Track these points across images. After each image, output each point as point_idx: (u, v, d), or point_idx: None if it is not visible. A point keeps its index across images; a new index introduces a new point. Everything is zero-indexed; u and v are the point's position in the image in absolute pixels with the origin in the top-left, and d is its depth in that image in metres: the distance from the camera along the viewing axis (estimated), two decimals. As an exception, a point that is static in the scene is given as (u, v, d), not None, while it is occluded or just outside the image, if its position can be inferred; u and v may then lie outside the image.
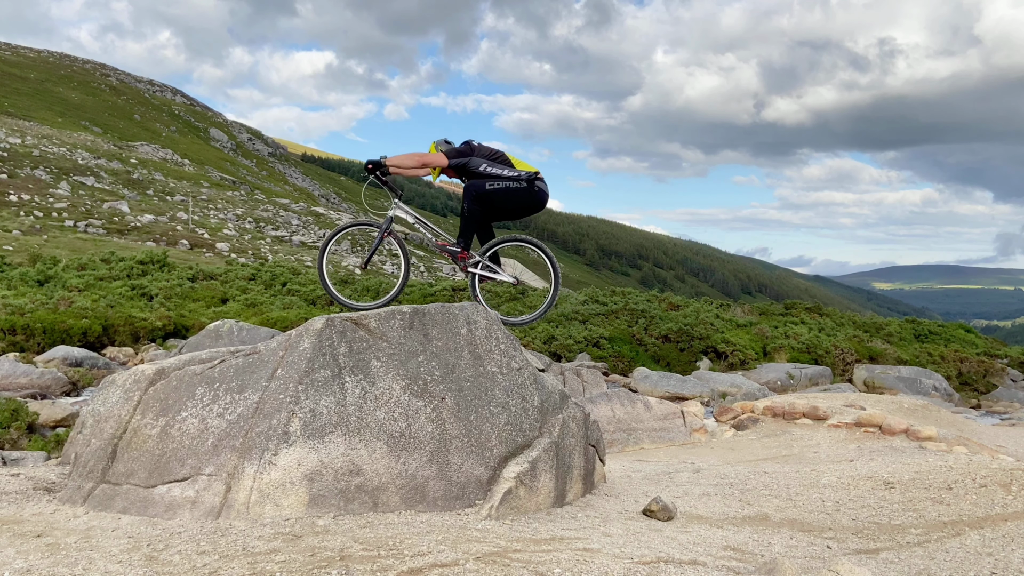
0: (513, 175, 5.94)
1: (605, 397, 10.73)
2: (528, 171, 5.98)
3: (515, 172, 5.97)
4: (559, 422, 5.39)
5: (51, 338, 14.62)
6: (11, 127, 55.42)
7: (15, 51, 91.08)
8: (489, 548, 3.87)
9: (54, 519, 4.49)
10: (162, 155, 65.20)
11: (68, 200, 39.44)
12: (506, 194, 5.96)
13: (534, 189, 5.95)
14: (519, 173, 5.96)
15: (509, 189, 5.94)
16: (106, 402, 5.06)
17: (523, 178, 5.93)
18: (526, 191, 5.95)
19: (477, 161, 5.97)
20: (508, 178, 5.95)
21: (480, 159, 5.98)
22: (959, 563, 4.65)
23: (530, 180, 5.92)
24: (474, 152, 6.00)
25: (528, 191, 5.95)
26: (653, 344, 19.22)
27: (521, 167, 6.01)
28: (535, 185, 5.95)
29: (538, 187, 5.97)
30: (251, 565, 3.55)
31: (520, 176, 5.94)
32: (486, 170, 5.94)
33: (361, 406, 4.74)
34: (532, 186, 5.94)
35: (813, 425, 10.39)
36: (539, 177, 5.98)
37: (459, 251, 6.13)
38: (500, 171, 5.95)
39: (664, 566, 3.83)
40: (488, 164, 5.97)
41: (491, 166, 5.96)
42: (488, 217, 6.11)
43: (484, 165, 5.96)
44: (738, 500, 6.06)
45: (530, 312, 6.46)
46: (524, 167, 6.01)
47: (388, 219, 6.15)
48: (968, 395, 19.49)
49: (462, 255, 6.14)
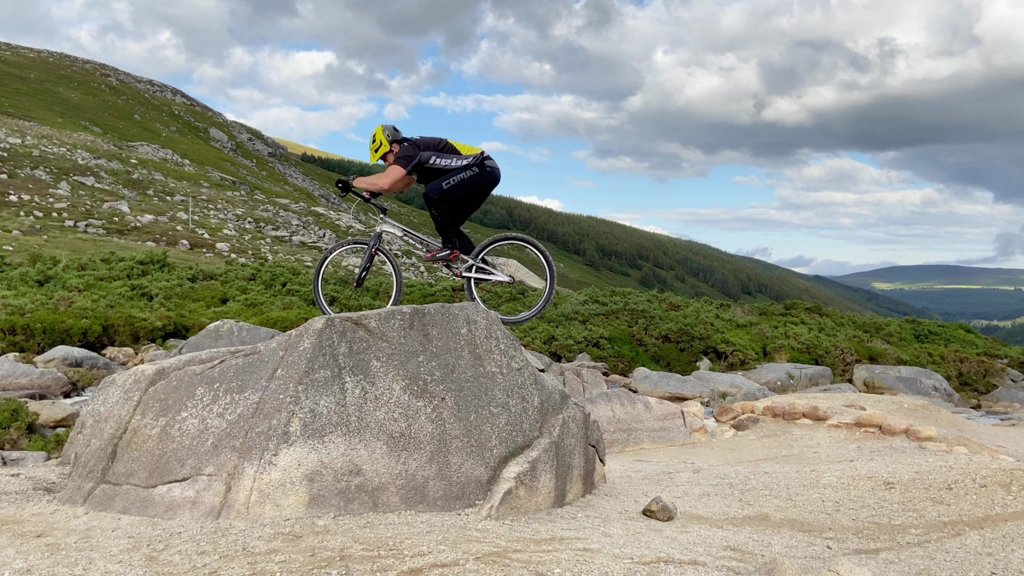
0: (463, 163, 6.04)
1: (605, 397, 10.73)
2: (474, 154, 6.08)
3: (464, 159, 6.06)
4: (559, 422, 5.39)
5: (51, 338, 14.62)
6: (11, 127, 55.42)
7: (15, 51, 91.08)
8: (489, 548, 3.87)
9: (54, 519, 4.49)
10: (162, 155, 65.19)
11: (68, 200, 39.44)
12: (464, 185, 6.05)
13: (486, 170, 6.07)
14: (467, 159, 6.06)
15: (464, 180, 6.04)
16: (106, 402, 5.06)
17: (473, 164, 6.03)
18: (479, 175, 6.06)
19: (426, 155, 6.05)
20: (460, 168, 6.03)
21: (428, 152, 6.06)
22: (959, 563, 4.65)
23: (479, 163, 6.05)
24: (420, 147, 6.07)
25: (481, 174, 6.06)
26: (653, 344, 19.22)
27: (467, 152, 6.10)
28: (485, 166, 6.07)
29: (488, 167, 6.09)
30: (251, 565, 3.56)
31: (470, 163, 6.04)
32: (437, 163, 6.02)
33: (361, 406, 4.74)
34: (483, 168, 6.06)
35: (813, 425, 10.39)
36: (486, 157, 6.10)
37: (449, 253, 6.18)
38: (450, 162, 6.04)
39: (664, 566, 3.83)
40: (437, 156, 6.05)
41: (440, 157, 6.05)
42: (456, 214, 6.16)
43: (433, 157, 6.04)
44: (738, 500, 6.06)
45: (528, 311, 6.47)
46: (470, 151, 6.11)
47: (375, 235, 6.24)
48: (968, 395, 19.50)
49: (453, 255, 6.19)
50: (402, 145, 6.13)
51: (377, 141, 6.20)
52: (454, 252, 6.20)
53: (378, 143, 6.19)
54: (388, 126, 6.18)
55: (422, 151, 6.07)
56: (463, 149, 6.13)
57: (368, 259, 6.21)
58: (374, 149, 6.23)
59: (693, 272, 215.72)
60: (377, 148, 6.19)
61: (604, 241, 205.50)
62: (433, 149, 6.09)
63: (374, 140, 6.23)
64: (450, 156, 6.09)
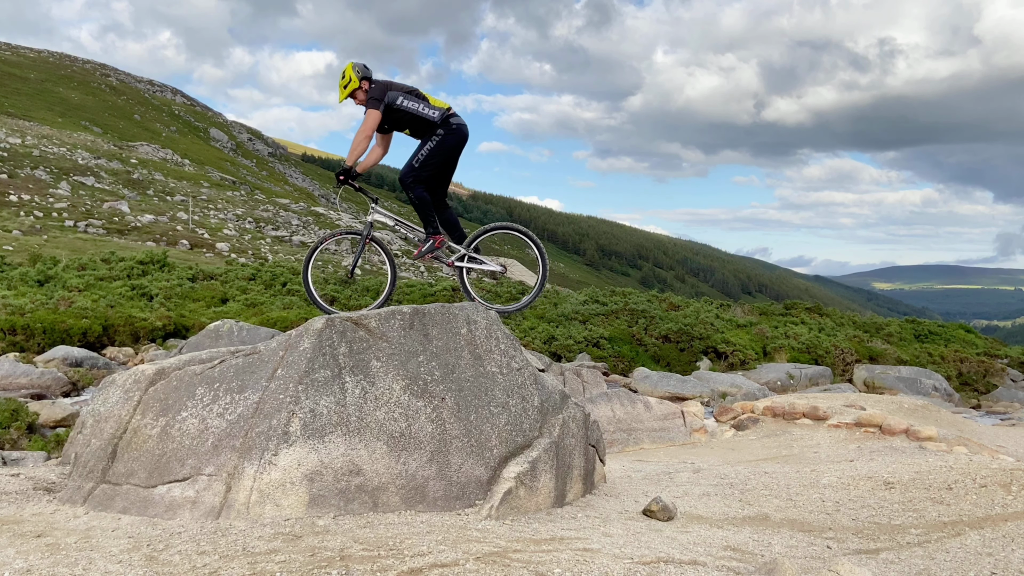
0: (429, 112, 5.89)
1: (605, 397, 10.73)
2: (442, 108, 5.94)
3: (431, 108, 5.91)
4: (559, 422, 5.39)
5: (51, 338, 14.62)
6: (11, 127, 55.43)
7: (15, 51, 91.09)
8: (489, 548, 3.87)
9: (54, 519, 4.49)
10: (162, 155, 65.20)
11: (68, 200, 39.44)
12: (434, 154, 5.92)
13: (451, 127, 5.93)
14: (434, 110, 5.91)
15: (432, 148, 5.91)
16: (106, 402, 5.06)
17: (438, 121, 5.89)
18: (447, 136, 5.92)
19: (394, 95, 5.89)
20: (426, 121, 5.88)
21: (396, 92, 5.91)
22: (959, 563, 4.65)
23: (444, 120, 5.91)
24: (389, 87, 5.92)
25: (448, 134, 5.92)
26: (653, 344, 19.22)
27: (436, 103, 5.96)
28: (451, 123, 5.93)
29: (455, 124, 5.95)
30: (251, 565, 3.55)
31: (435, 117, 5.89)
32: (404, 104, 5.87)
33: (361, 406, 4.74)
34: (449, 126, 5.92)
35: (813, 425, 10.39)
36: (452, 114, 5.96)
37: (433, 242, 6.04)
38: (417, 106, 5.89)
39: (664, 566, 3.83)
40: (405, 97, 5.91)
41: (408, 99, 5.90)
42: (434, 187, 6.06)
43: (401, 98, 5.89)
44: (738, 500, 6.06)
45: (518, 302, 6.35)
46: (438, 103, 5.97)
47: (368, 225, 6.09)
48: (968, 395, 19.49)
49: (438, 242, 6.05)
50: (371, 85, 5.92)
51: (346, 77, 5.92)
52: (438, 239, 6.05)
53: (347, 79, 5.91)
54: (359, 63, 5.97)
55: (390, 90, 5.89)
56: (432, 100, 5.97)
57: (360, 248, 6.07)
58: (343, 85, 5.94)
59: (693, 272, 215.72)
60: (347, 84, 5.91)
61: (604, 241, 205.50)
62: (402, 92, 5.93)
63: (343, 76, 5.96)
64: (418, 100, 5.92)
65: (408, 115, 5.92)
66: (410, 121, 5.96)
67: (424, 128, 5.98)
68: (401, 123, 5.99)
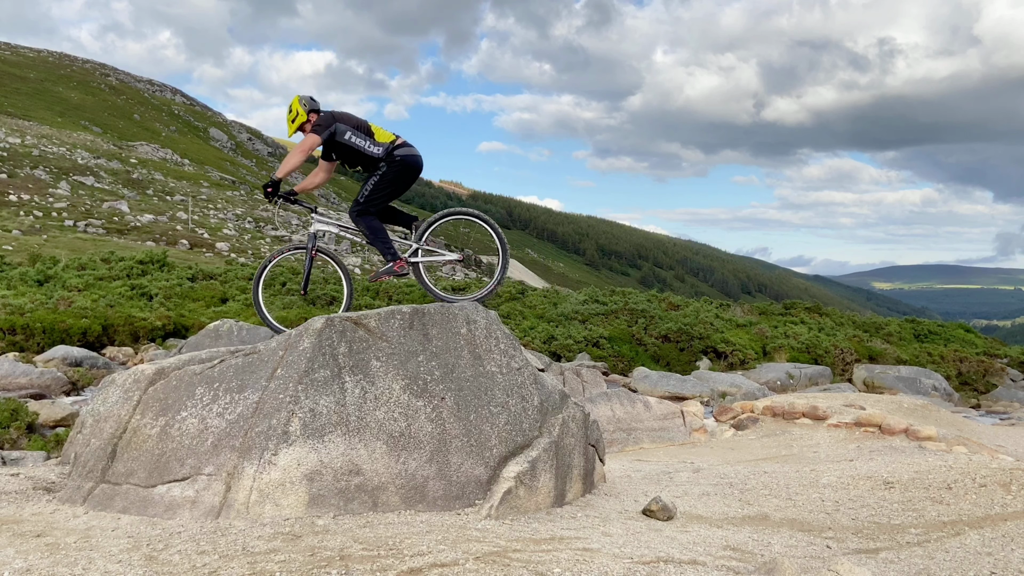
0: (374, 150, 5.75)
1: (605, 397, 10.73)
2: (387, 141, 5.79)
3: (376, 145, 5.77)
4: (559, 422, 5.39)
5: (51, 338, 14.61)
6: (11, 127, 55.41)
7: (15, 51, 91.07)
8: (489, 548, 3.87)
9: (54, 519, 4.49)
10: (162, 155, 65.19)
11: (68, 200, 39.43)
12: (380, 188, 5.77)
13: (395, 160, 5.76)
14: (380, 146, 5.76)
15: (377, 184, 5.76)
16: (106, 402, 5.06)
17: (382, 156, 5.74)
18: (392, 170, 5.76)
19: (342, 128, 5.74)
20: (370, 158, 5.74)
21: (344, 125, 5.76)
22: (959, 563, 4.66)
23: (389, 153, 5.75)
24: (336, 119, 5.76)
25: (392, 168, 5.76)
26: (653, 344, 19.22)
27: (382, 138, 5.81)
28: (395, 156, 5.76)
29: (399, 156, 5.77)
30: (251, 565, 3.55)
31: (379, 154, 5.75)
32: (350, 139, 5.73)
33: (361, 406, 4.74)
34: (393, 159, 5.76)
35: (813, 425, 10.39)
36: (399, 144, 5.80)
37: (393, 265, 5.84)
38: (363, 143, 5.74)
39: (664, 566, 3.83)
40: (352, 132, 5.76)
41: (355, 135, 5.75)
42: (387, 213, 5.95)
43: (349, 133, 5.74)
44: (738, 500, 6.06)
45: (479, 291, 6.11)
46: (384, 137, 5.82)
47: (311, 237, 5.90)
48: (968, 395, 19.49)
49: (399, 265, 5.84)
50: (319, 115, 5.80)
51: (293, 111, 5.80)
52: (398, 263, 5.84)
53: (294, 113, 5.79)
54: (305, 96, 5.83)
55: (338, 123, 5.74)
56: (379, 134, 5.82)
57: (309, 262, 5.87)
58: (291, 120, 5.82)
59: (693, 272, 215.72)
60: (294, 118, 5.79)
61: (604, 241, 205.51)
62: (351, 125, 5.78)
63: (290, 110, 5.84)
64: (364, 137, 5.77)
65: (353, 151, 5.79)
66: (356, 157, 5.83)
67: (370, 163, 5.85)
68: (348, 159, 5.87)
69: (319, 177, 6.01)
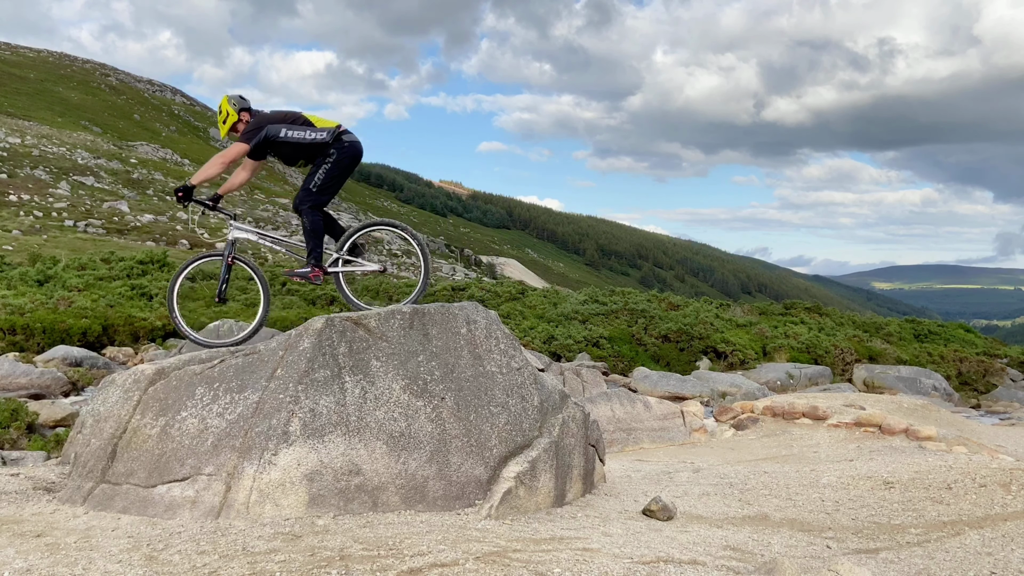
0: (317, 136, 5.54)
1: (605, 397, 10.73)
2: (330, 127, 5.60)
3: (319, 131, 5.56)
4: (559, 422, 5.39)
5: (51, 338, 14.62)
6: (11, 127, 55.41)
7: (15, 51, 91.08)
8: (489, 548, 3.87)
9: (54, 519, 4.49)
10: (162, 155, 65.19)
11: (68, 200, 39.43)
12: (330, 177, 5.58)
13: (344, 146, 5.58)
14: (322, 131, 5.56)
15: (328, 171, 5.56)
16: (106, 402, 5.06)
17: (328, 140, 5.54)
18: (340, 156, 5.58)
19: (275, 128, 5.53)
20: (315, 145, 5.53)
21: (276, 125, 5.54)
22: (959, 563, 4.66)
23: (336, 138, 5.56)
24: (266, 121, 5.56)
25: (341, 155, 5.57)
26: (653, 344, 19.22)
27: (322, 124, 5.62)
28: (343, 142, 5.58)
29: (347, 142, 5.59)
30: (251, 565, 3.55)
31: (325, 139, 5.54)
32: (289, 135, 5.52)
33: (361, 406, 4.74)
34: (342, 145, 5.57)
35: (813, 425, 10.39)
36: (343, 131, 5.62)
37: (310, 271, 5.66)
38: (303, 135, 5.54)
39: (664, 566, 3.83)
40: (287, 128, 5.54)
41: (291, 129, 5.54)
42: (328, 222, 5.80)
43: (284, 130, 5.53)
44: (738, 500, 6.06)
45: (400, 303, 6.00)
46: (325, 124, 5.63)
47: (229, 244, 5.76)
48: (968, 395, 19.49)
49: (315, 273, 5.66)
50: (252, 115, 5.62)
51: (224, 112, 5.63)
52: (316, 270, 5.66)
53: (225, 113, 5.62)
54: (234, 95, 5.67)
55: (269, 124, 5.52)
56: (318, 122, 5.63)
57: (225, 270, 5.72)
58: (222, 121, 5.64)
59: (693, 272, 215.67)
60: (225, 119, 5.61)
61: (604, 241, 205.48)
62: (281, 122, 5.56)
63: (220, 111, 5.67)
64: (303, 128, 5.55)
65: (296, 145, 5.58)
66: (300, 151, 5.61)
67: (316, 152, 5.63)
68: (291, 156, 5.66)
69: (241, 177, 5.79)
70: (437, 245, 76.81)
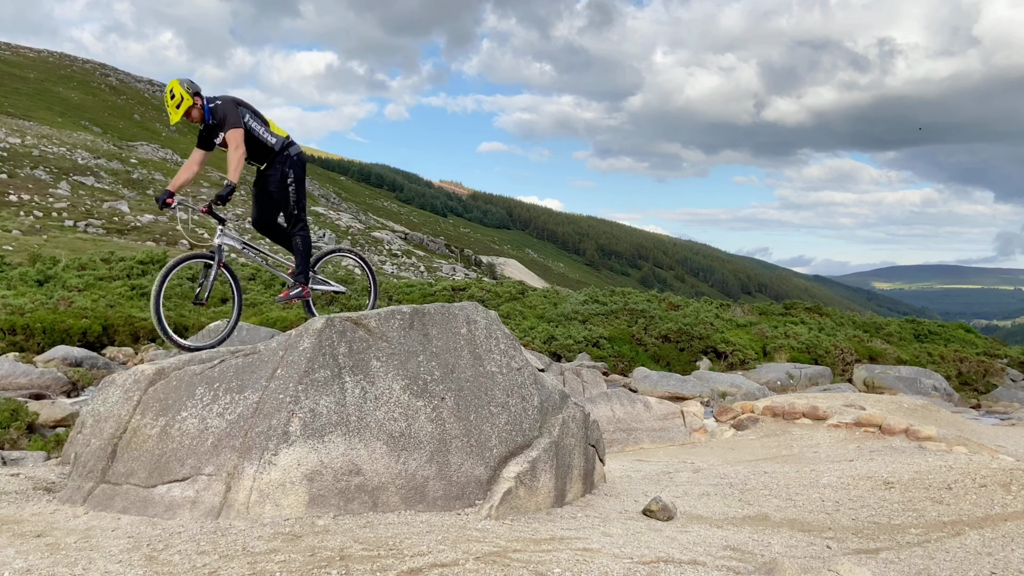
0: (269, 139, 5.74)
1: (605, 397, 10.73)
2: (283, 136, 5.81)
3: (270, 134, 5.75)
4: (559, 422, 5.39)
5: (51, 338, 14.61)
6: (11, 127, 55.42)
7: (15, 51, 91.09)
8: (489, 548, 3.87)
9: (54, 519, 4.49)
10: (162, 155, 65.20)
11: (68, 200, 39.44)
12: (302, 188, 5.83)
13: (294, 157, 5.83)
14: (277, 138, 5.77)
15: (299, 187, 5.82)
16: (106, 402, 5.06)
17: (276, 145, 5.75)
18: (299, 168, 5.83)
19: (243, 111, 5.66)
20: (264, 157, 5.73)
21: (244, 109, 5.68)
22: (959, 563, 4.66)
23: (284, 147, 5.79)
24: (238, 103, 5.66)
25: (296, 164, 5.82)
26: (653, 344, 19.22)
27: (277, 131, 5.81)
28: (292, 153, 5.82)
29: (295, 153, 5.85)
30: (251, 565, 3.55)
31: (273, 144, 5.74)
32: (253, 127, 5.67)
33: (361, 406, 4.74)
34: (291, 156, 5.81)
35: (813, 425, 10.39)
36: (291, 141, 5.87)
37: (302, 290, 5.91)
38: (262, 132, 5.72)
39: (664, 566, 3.83)
40: (253, 118, 5.70)
41: (255, 121, 5.71)
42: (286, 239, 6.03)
43: (248, 117, 5.67)
44: (738, 500, 6.06)
45: None
46: (278, 131, 5.82)
47: (217, 248, 5.77)
48: (968, 395, 19.49)
49: (306, 292, 5.92)
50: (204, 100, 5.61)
51: (177, 96, 5.53)
52: (307, 289, 5.93)
53: (179, 98, 5.53)
54: (184, 79, 5.59)
55: (240, 107, 5.64)
56: (273, 126, 5.81)
57: (213, 274, 5.75)
58: (175, 106, 5.54)
59: (693, 272, 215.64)
60: (179, 104, 5.53)
61: (604, 241, 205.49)
62: (249, 110, 5.71)
63: (173, 96, 5.55)
64: (262, 124, 5.74)
65: (251, 138, 5.68)
66: (250, 146, 5.69)
67: (261, 154, 5.77)
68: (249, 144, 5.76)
69: (192, 171, 5.78)
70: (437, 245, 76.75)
